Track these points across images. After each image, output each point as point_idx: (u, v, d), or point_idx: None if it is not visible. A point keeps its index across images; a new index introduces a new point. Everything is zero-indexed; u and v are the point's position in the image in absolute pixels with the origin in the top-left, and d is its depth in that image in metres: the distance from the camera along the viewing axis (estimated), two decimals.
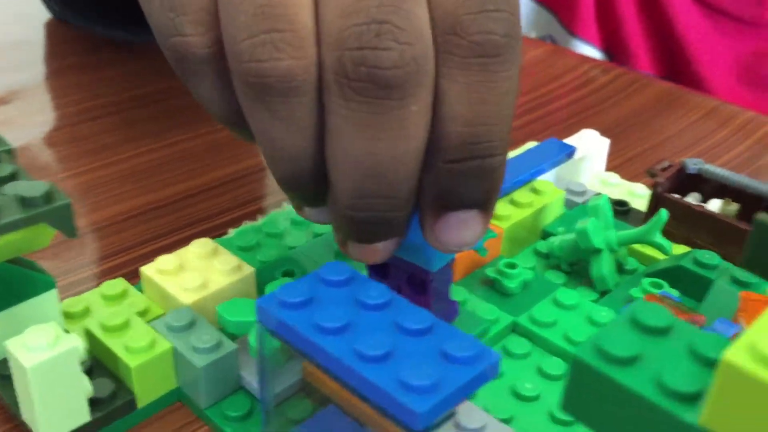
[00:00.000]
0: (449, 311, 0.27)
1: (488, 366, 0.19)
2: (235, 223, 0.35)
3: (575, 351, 0.17)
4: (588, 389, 0.17)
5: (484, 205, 0.21)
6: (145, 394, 0.25)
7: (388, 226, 0.21)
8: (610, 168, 0.40)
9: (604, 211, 0.30)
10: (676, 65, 0.62)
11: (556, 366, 0.26)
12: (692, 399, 0.16)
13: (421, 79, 0.19)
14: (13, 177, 0.23)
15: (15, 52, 0.52)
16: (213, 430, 0.25)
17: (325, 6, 0.19)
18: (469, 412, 0.24)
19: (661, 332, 0.18)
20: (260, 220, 0.33)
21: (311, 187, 0.21)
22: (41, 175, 0.39)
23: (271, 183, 0.39)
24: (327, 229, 0.33)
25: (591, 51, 0.64)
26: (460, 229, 0.21)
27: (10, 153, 0.24)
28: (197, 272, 0.27)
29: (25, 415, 0.23)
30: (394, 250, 0.22)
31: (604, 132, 0.41)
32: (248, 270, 0.28)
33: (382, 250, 0.22)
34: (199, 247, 0.29)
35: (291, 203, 0.23)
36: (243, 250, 0.31)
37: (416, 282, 0.25)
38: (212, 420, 0.25)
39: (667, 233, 0.32)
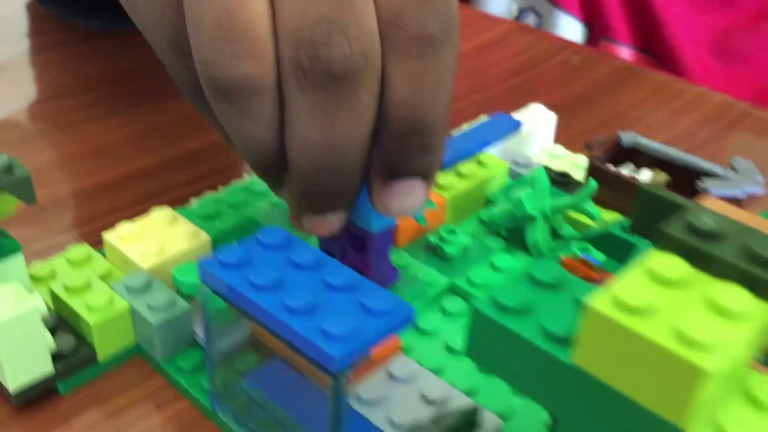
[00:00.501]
0: (389, 275, 0.29)
1: (402, 317, 0.21)
2: (199, 193, 0.37)
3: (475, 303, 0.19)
4: (485, 337, 0.20)
5: (426, 175, 0.24)
6: (105, 348, 0.27)
7: (340, 197, 0.24)
8: (559, 140, 0.42)
9: (540, 182, 0.32)
10: (653, 38, 0.64)
11: None
12: (570, 342, 0.18)
13: (369, 70, 0.21)
14: None
15: None
16: (169, 381, 0.27)
17: (281, 7, 0.21)
18: (401, 363, 0.26)
19: (551, 286, 0.20)
20: (222, 191, 0.36)
21: (279, 171, 0.24)
22: (18, 146, 0.40)
23: (233, 156, 0.41)
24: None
25: (573, 22, 0.65)
26: (403, 195, 0.24)
27: None
28: (156, 238, 0.29)
29: None
30: (343, 222, 0.25)
31: (561, 106, 0.43)
32: (205, 237, 0.30)
33: (332, 222, 0.24)
34: (159, 215, 0.31)
35: (267, 185, 0.25)
36: (203, 219, 0.33)
37: (358, 243, 0.27)
38: (167, 372, 0.27)
39: (603, 201, 0.34)
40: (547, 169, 0.37)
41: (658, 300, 0.17)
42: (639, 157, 0.35)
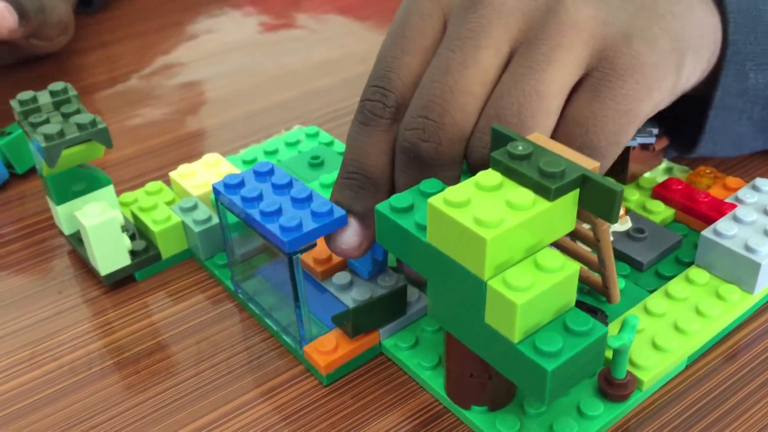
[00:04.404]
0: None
1: (337, 218, 0.31)
2: (248, 146, 0.48)
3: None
4: (386, 229, 0.29)
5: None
6: (166, 250, 0.38)
7: None
8: None
9: None
10: None
11: None
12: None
13: None
14: (77, 112, 0.36)
15: None
16: (209, 274, 0.38)
17: None
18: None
19: (427, 195, 0.29)
20: (263, 143, 0.46)
21: None
22: (108, 113, 0.53)
23: (271, 118, 0.51)
24: (307, 147, 0.45)
25: None
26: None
27: (77, 96, 0.37)
28: (204, 175, 0.41)
29: (91, 261, 0.37)
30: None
31: None
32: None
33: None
34: (209, 158, 0.42)
35: None
36: (245, 163, 0.44)
37: None
38: (208, 267, 0.38)
39: None
40: None
41: (471, 198, 0.26)
42: None
